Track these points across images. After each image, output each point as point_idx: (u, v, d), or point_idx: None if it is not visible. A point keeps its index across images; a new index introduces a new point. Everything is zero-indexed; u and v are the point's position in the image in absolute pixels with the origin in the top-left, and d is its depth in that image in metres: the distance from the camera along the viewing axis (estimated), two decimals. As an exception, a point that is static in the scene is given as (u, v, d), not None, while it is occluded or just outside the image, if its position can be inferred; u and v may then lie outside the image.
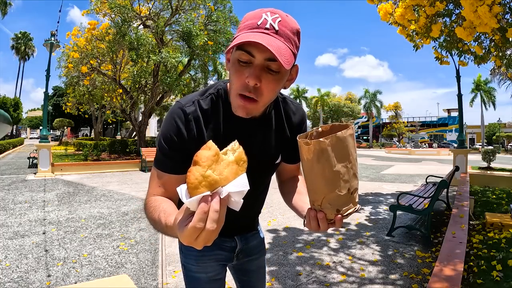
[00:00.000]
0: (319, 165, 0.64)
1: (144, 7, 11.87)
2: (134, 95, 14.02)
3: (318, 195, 0.68)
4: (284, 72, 0.74)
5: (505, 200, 5.80)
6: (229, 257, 1.07)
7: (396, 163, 15.63)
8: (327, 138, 0.63)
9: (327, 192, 0.66)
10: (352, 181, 0.66)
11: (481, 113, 36.09)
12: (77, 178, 8.78)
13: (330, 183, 0.65)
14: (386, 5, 4.22)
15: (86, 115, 24.55)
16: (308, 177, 0.69)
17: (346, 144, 0.64)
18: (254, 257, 1.13)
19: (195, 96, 0.87)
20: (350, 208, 0.68)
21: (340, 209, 0.68)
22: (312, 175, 0.67)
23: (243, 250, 1.09)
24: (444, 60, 4.80)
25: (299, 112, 0.98)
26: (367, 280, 2.71)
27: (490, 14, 2.96)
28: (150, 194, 0.81)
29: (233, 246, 1.07)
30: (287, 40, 0.71)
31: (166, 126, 0.83)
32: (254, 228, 1.14)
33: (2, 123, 1.37)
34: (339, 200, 0.66)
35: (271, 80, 0.73)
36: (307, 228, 0.78)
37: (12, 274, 2.70)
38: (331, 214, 0.68)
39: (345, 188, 0.65)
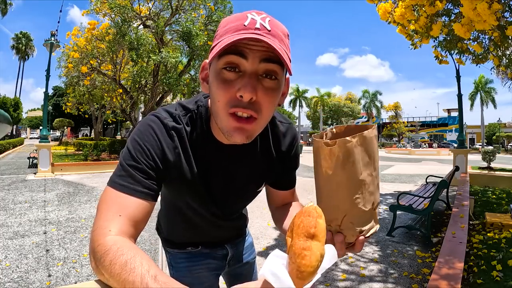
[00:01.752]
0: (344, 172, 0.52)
1: (144, 7, 11.88)
2: (134, 95, 14.02)
3: (339, 213, 0.55)
4: (280, 79, 0.59)
5: (505, 200, 5.80)
6: (221, 266, 1.04)
7: (396, 163, 15.64)
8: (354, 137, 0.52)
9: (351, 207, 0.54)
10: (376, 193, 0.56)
11: (481, 113, 36.12)
12: (77, 178, 8.78)
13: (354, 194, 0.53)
14: (386, 4, 4.21)
15: (86, 115, 24.55)
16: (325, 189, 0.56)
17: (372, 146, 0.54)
18: (245, 261, 1.10)
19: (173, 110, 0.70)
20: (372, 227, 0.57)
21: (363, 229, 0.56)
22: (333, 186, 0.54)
23: (234, 257, 1.06)
24: (443, 60, 4.80)
25: (289, 133, 0.82)
26: (367, 279, 2.71)
27: (490, 11, 2.96)
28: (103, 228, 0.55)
29: (225, 253, 1.03)
30: (282, 43, 0.57)
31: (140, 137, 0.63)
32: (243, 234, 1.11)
33: (2, 123, 1.37)
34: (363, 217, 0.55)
35: (268, 91, 0.57)
36: None
37: (12, 274, 2.70)
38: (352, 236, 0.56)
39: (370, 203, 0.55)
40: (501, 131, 40.00)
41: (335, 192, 0.54)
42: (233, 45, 0.54)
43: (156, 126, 0.66)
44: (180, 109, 0.71)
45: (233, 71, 0.56)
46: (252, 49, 0.55)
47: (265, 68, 0.56)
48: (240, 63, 0.56)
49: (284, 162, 0.84)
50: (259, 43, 0.54)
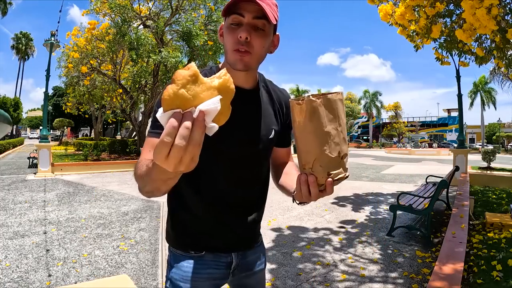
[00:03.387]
0: (311, 124, 0.66)
1: (144, 7, 11.88)
2: (134, 95, 14.02)
3: (310, 156, 0.68)
4: (268, 30, 0.84)
5: (505, 200, 5.80)
6: (224, 275, 1.00)
7: (396, 163, 15.64)
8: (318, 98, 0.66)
9: (319, 152, 0.67)
10: (342, 145, 0.68)
11: (481, 113, 36.12)
12: (77, 178, 8.78)
13: (321, 143, 0.66)
14: (386, 6, 4.22)
15: (86, 115, 24.55)
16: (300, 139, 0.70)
17: (336, 107, 0.67)
18: (253, 271, 1.05)
19: None
20: (340, 173, 0.68)
21: (331, 172, 0.68)
22: (304, 134, 0.68)
23: (240, 266, 1.01)
24: (444, 61, 4.80)
25: (286, 94, 1.05)
26: (367, 279, 2.71)
27: (489, 16, 2.96)
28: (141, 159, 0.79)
29: (229, 261, 0.99)
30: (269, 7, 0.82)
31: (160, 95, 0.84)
32: (255, 242, 1.07)
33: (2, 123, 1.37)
34: (330, 162, 0.67)
35: (259, 36, 0.83)
36: (298, 200, 0.78)
37: (12, 274, 2.70)
38: (322, 178, 0.68)
39: (336, 151, 0.67)
40: (501, 131, 40.00)
41: (306, 139, 0.68)
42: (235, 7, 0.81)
43: None
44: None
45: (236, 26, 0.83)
46: (247, 10, 0.81)
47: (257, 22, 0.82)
48: (240, 20, 0.82)
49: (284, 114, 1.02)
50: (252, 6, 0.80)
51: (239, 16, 0.82)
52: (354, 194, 6.82)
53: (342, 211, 5.29)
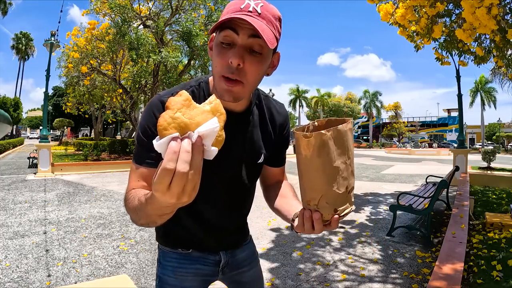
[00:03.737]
0: (320, 160, 0.61)
1: (144, 7, 11.88)
2: (134, 95, 14.02)
3: (316, 193, 0.64)
4: (266, 54, 0.72)
5: (505, 200, 5.80)
6: (213, 272, 0.99)
7: (396, 163, 15.64)
8: (328, 131, 0.60)
9: (326, 189, 0.63)
10: (350, 179, 0.64)
11: (481, 113, 36.12)
12: (77, 178, 8.78)
13: (329, 179, 0.62)
14: (387, 5, 4.21)
15: (86, 115, 24.56)
16: (305, 174, 0.65)
17: (346, 139, 0.62)
18: (244, 269, 1.04)
19: (175, 89, 0.81)
20: (347, 208, 0.66)
21: (338, 208, 0.64)
22: (311, 171, 0.63)
23: (229, 264, 1.01)
24: (444, 61, 4.80)
25: (282, 111, 0.95)
26: (367, 279, 2.71)
27: (489, 16, 2.95)
28: (130, 188, 0.75)
29: (217, 260, 0.99)
30: (270, 23, 0.70)
31: (144, 118, 0.78)
32: (243, 242, 1.06)
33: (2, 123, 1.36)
34: (338, 199, 0.63)
35: (254, 61, 0.70)
36: (297, 232, 0.74)
37: (12, 274, 2.70)
38: (328, 214, 0.65)
39: (344, 186, 0.63)
40: (501, 131, 40.00)
41: (313, 176, 0.63)
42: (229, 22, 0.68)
43: (154, 105, 0.78)
44: (181, 87, 0.83)
45: (228, 46, 0.70)
46: (243, 27, 0.68)
47: (252, 43, 0.69)
48: (233, 38, 0.69)
49: (277, 138, 0.94)
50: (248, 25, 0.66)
51: (233, 33, 0.68)
52: (354, 194, 6.79)
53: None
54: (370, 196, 6.66)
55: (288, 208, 0.85)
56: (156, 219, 0.61)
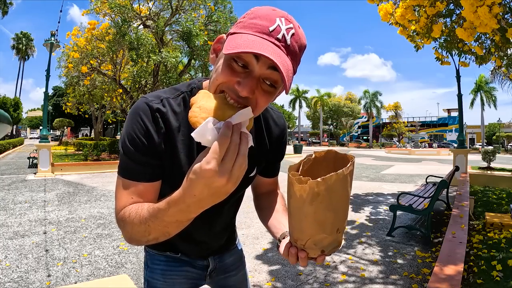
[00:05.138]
0: (311, 208, 0.56)
1: (144, 7, 11.88)
2: (134, 95, 14.01)
3: (304, 236, 0.61)
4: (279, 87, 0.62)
5: (505, 200, 5.80)
6: (201, 276, 0.99)
7: (396, 163, 15.64)
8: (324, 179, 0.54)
9: (314, 234, 0.60)
10: (342, 222, 0.60)
11: (481, 113, 36.11)
12: (77, 178, 8.78)
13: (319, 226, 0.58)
14: (387, 5, 4.22)
15: (86, 115, 24.56)
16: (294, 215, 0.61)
17: (345, 185, 0.56)
18: (232, 273, 1.04)
19: (162, 94, 0.73)
20: (335, 248, 0.63)
21: (325, 250, 0.63)
22: (301, 215, 0.59)
23: (217, 268, 1.01)
24: (444, 61, 4.80)
25: (280, 123, 0.89)
26: (368, 280, 2.71)
27: (490, 15, 2.96)
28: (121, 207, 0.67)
29: (205, 265, 0.98)
30: (294, 59, 0.60)
31: (130, 125, 0.68)
32: (231, 246, 1.05)
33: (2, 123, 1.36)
34: (326, 241, 0.61)
35: (266, 94, 0.61)
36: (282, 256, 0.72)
37: (12, 274, 2.70)
38: (315, 254, 0.63)
39: (334, 230, 0.60)
40: (501, 131, 40.01)
41: (303, 220, 0.59)
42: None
43: (142, 111, 0.69)
44: (172, 91, 0.75)
45: (241, 66, 0.59)
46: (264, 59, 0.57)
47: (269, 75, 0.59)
48: (251, 62, 0.58)
49: (274, 149, 0.89)
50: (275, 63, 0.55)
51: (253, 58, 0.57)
52: (354, 194, 6.82)
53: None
54: (370, 196, 6.66)
55: (276, 225, 0.82)
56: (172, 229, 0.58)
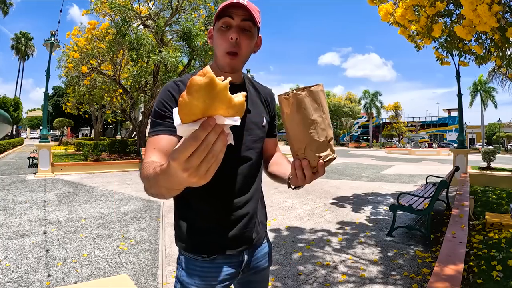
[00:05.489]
0: (299, 115, 0.74)
1: (144, 7, 11.88)
2: (134, 95, 14.02)
3: (301, 144, 0.76)
4: (253, 32, 0.94)
5: (505, 200, 5.80)
6: (235, 274, 1.02)
7: (396, 163, 15.64)
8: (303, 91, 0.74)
9: (308, 139, 0.75)
10: (327, 130, 0.76)
11: (481, 113, 36.10)
12: (77, 178, 8.78)
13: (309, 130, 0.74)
14: (387, 5, 4.21)
15: (86, 115, 24.57)
16: (290, 129, 0.78)
17: (319, 97, 0.75)
18: (259, 268, 1.08)
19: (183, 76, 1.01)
20: (329, 154, 0.77)
21: (321, 155, 0.76)
22: (294, 125, 0.76)
23: (249, 263, 1.05)
24: (445, 61, 4.80)
25: (266, 88, 1.14)
26: (368, 280, 2.71)
27: (490, 13, 2.95)
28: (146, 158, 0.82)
29: (240, 260, 1.02)
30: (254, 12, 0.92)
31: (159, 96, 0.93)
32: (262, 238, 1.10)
33: (2, 123, 1.35)
34: (319, 146, 0.76)
35: (247, 37, 0.93)
36: (293, 185, 0.86)
37: (12, 274, 2.70)
38: (314, 161, 0.77)
39: (323, 136, 0.76)
40: (501, 131, 39.99)
41: (296, 129, 0.76)
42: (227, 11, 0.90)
43: (168, 85, 0.95)
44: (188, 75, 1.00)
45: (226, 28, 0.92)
46: (237, 14, 0.91)
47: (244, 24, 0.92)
48: (230, 22, 0.92)
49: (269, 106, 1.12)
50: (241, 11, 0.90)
51: (229, 19, 0.91)
52: (354, 194, 6.82)
53: (342, 211, 5.29)
54: (370, 196, 6.66)
55: (284, 172, 0.98)
56: (164, 192, 0.65)
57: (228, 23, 0.92)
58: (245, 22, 0.92)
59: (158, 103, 0.91)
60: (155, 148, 0.83)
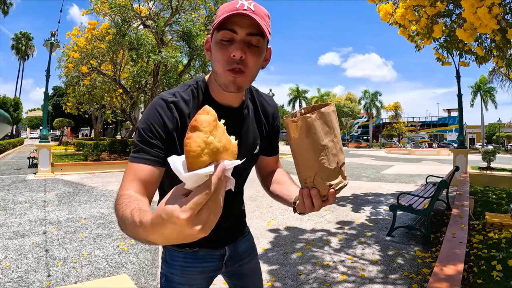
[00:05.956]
0: (308, 140, 0.67)
1: (144, 7, 11.88)
2: (134, 95, 14.02)
3: (310, 171, 0.70)
4: (262, 47, 0.78)
5: (505, 200, 5.80)
6: (217, 267, 1.04)
7: (396, 163, 15.64)
8: (312, 113, 0.67)
9: (318, 166, 0.68)
10: (339, 155, 0.69)
11: (481, 113, 36.12)
12: (77, 178, 8.78)
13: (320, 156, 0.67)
14: (386, 5, 4.21)
15: (86, 115, 24.55)
16: (298, 155, 0.71)
17: (330, 119, 0.68)
18: (245, 261, 1.10)
19: (175, 90, 0.87)
20: (340, 182, 0.70)
21: (332, 183, 0.69)
22: (303, 151, 0.69)
23: (232, 257, 1.06)
24: (445, 61, 4.80)
25: (272, 103, 1.03)
26: (367, 280, 2.71)
27: (490, 16, 2.96)
28: (123, 188, 0.73)
29: (222, 254, 1.04)
30: (263, 20, 0.76)
31: (146, 116, 0.81)
32: (243, 232, 1.12)
33: (2, 123, 1.36)
34: (330, 174, 0.69)
35: (254, 54, 0.77)
36: (299, 211, 0.79)
37: (12, 274, 2.70)
38: (324, 189, 0.70)
39: (334, 162, 0.68)
40: (501, 131, 40.00)
41: (305, 155, 0.69)
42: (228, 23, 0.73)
43: (157, 104, 0.82)
44: (181, 87, 0.89)
45: (227, 42, 0.75)
46: (241, 25, 0.74)
47: (251, 39, 0.76)
48: (232, 36, 0.75)
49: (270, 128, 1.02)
50: (246, 21, 0.73)
51: (231, 32, 0.74)
52: (353, 194, 6.82)
53: (342, 211, 5.29)
54: (370, 196, 6.66)
55: (288, 193, 0.90)
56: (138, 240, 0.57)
57: (229, 36, 0.75)
58: (251, 37, 0.75)
59: (145, 125, 0.78)
60: (135, 179, 0.74)
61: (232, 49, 0.75)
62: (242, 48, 0.75)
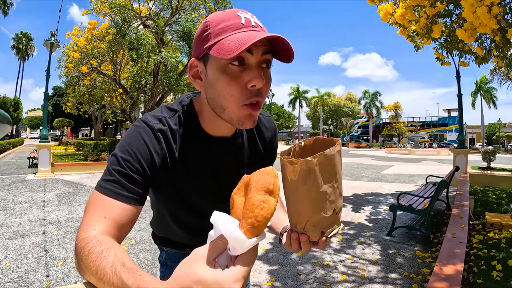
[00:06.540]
0: (305, 187, 0.58)
1: (144, 7, 11.88)
2: (134, 95, 14.02)
3: (302, 218, 0.62)
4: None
5: (505, 200, 5.80)
6: None
7: (396, 163, 15.64)
8: (315, 157, 0.57)
9: (312, 214, 0.60)
10: (337, 201, 0.62)
11: (481, 113, 36.11)
12: (77, 178, 8.78)
13: (316, 205, 0.59)
14: (387, 5, 4.22)
15: (86, 115, 24.56)
16: (290, 198, 0.62)
17: (334, 163, 0.59)
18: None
19: (159, 114, 0.73)
20: (334, 229, 0.64)
21: (325, 231, 0.63)
22: (296, 196, 0.60)
23: None
24: (445, 61, 4.80)
25: (270, 126, 0.91)
26: (367, 280, 2.71)
27: (489, 15, 2.96)
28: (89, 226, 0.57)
29: None
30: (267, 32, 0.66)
31: (128, 142, 0.66)
32: None
33: (2, 123, 1.35)
34: (324, 221, 0.61)
35: (268, 77, 0.64)
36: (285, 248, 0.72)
37: (12, 274, 2.70)
38: (315, 236, 0.63)
39: (331, 209, 0.61)
40: (501, 131, 40.01)
41: (299, 201, 0.60)
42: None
43: (143, 130, 0.68)
44: (166, 111, 0.75)
45: (238, 65, 0.60)
46: (257, 45, 0.60)
47: (265, 59, 0.62)
48: (246, 58, 0.61)
49: (266, 152, 0.90)
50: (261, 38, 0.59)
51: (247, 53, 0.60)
52: (353, 194, 6.82)
53: (342, 211, 5.28)
54: (370, 196, 6.66)
55: (276, 221, 0.81)
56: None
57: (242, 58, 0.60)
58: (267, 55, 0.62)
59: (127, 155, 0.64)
60: (106, 217, 0.59)
61: (247, 76, 0.60)
62: (261, 75, 0.61)
